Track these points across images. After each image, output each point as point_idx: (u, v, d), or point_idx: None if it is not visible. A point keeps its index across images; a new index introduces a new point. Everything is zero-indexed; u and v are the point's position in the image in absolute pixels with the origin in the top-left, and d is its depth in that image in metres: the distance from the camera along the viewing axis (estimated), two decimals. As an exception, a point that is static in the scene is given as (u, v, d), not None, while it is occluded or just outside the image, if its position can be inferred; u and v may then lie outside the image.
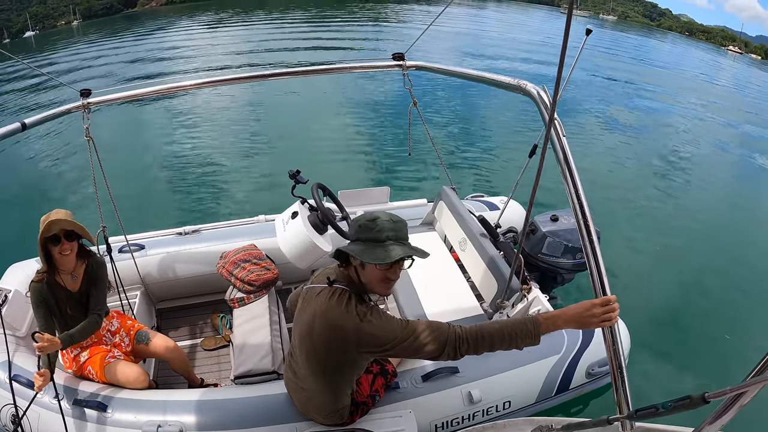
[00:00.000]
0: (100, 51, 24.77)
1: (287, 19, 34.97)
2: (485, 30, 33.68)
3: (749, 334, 4.71)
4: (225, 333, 3.59)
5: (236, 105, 11.51)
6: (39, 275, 2.43)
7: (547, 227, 3.56)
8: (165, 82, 2.97)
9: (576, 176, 1.82)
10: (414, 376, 2.74)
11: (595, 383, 3.21)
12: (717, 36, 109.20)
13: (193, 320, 3.74)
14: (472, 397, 2.72)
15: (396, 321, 1.85)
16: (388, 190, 4.21)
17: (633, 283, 5.29)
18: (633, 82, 18.97)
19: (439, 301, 3.32)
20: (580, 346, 3.09)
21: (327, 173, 7.15)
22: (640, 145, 10.83)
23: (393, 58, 3.33)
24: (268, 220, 3.99)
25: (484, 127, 10.67)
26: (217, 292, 3.73)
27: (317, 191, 3.16)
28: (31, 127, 2.46)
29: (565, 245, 3.49)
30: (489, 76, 2.55)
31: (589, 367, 3.07)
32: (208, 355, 3.51)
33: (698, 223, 7.06)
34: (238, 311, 3.26)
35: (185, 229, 3.74)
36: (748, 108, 18.53)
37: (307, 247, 2.98)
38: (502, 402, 2.85)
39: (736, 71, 40.14)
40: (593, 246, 1.75)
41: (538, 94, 2.04)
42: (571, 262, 3.54)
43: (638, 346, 3.50)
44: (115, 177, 2.99)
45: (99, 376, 2.60)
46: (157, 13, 66.82)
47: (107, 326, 2.78)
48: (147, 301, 3.59)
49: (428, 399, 2.69)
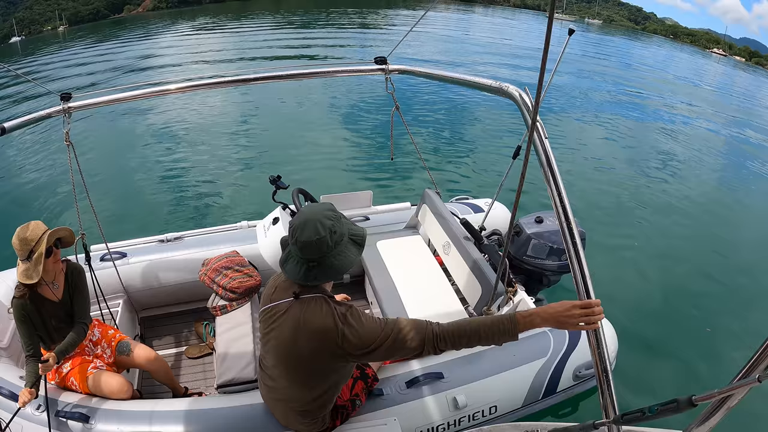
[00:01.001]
0: (85, 56, 24.67)
1: (273, 25, 35.03)
2: (471, 34, 33.98)
3: (735, 335, 4.72)
4: (209, 341, 3.54)
5: (218, 110, 11.44)
6: (20, 290, 2.38)
7: (531, 229, 3.56)
8: (144, 87, 2.91)
9: (558, 178, 1.80)
10: (398, 382, 2.70)
11: (583, 385, 3.21)
12: (701, 39, 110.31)
13: (176, 328, 3.69)
14: (457, 402, 2.70)
15: (376, 320, 1.83)
16: (370, 194, 4.18)
17: (619, 285, 5.29)
18: (618, 84, 19.06)
19: (423, 305, 3.29)
20: (566, 349, 3.08)
21: (309, 178, 7.11)
22: (625, 147, 10.91)
23: (375, 62, 3.30)
24: (251, 226, 3.94)
25: (468, 130, 10.68)
26: (201, 300, 3.67)
27: (298, 196, 3.15)
28: (11, 131, 2.42)
29: (550, 247, 3.49)
30: (471, 79, 2.54)
31: (576, 369, 3.06)
32: (192, 364, 3.46)
33: (683, 225, 7.13)
34: (221, 319, 3.21)
35: (167, 236, 3.69)
36: (732, 110, 18.72)
37: None
38: (488, 407, 2.83)
39: (720, 73, 40.63)
40: (576, 248, 1.73)
41: (520, 96, 2.03)
42: (556, 263, 3.53)
43: (625, 349, 3.49)
44: (95, 183, 2.95)
45: (82, 387, 2.56)
46: (143, 18, 66.89)
47: (89, 336, 2.74)
48: (130, 310, 3.54)
49: (413, 405, 2.66)
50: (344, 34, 28.75)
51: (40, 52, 30.53)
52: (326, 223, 1.74)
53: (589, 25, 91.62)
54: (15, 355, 2.91)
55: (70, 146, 2.71)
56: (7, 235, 2.37)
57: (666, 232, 6.81)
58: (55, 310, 2.50)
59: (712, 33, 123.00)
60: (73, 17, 76.61)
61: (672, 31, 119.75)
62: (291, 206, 3.23)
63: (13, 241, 2.31)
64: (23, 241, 2.30)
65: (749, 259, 6.24)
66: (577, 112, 13.51)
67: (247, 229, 3.92)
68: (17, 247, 2.30)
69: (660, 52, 50.43)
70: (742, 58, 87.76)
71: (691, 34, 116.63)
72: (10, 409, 2.35)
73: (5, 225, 5.63)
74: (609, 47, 39.81)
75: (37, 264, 2.31)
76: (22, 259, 2.31)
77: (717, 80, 33.39)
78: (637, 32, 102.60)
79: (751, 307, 5.18)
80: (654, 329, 4.66)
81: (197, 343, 3.59)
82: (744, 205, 8.57)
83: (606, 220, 6.92)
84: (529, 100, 1.97)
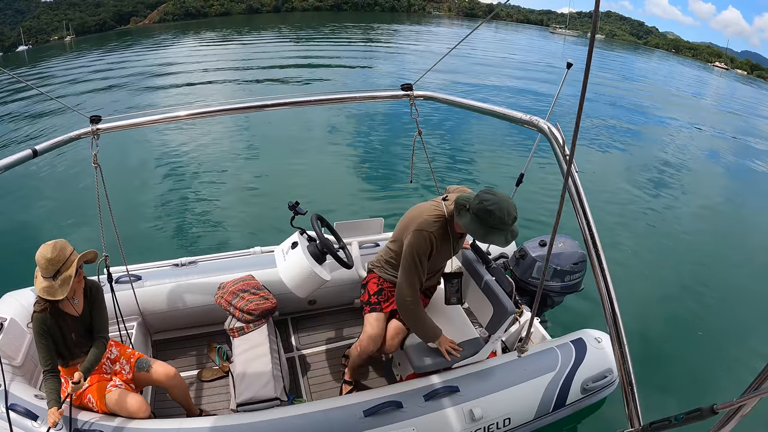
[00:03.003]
0: (93, 67, 25.20)
1: (279, 38, 36.33)
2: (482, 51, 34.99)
3: (744, 342, 4.93)
4: (222, 364, 3.58)
5: (232, 133, 11.45)
6: (41, 305, 2.41)
7: (536, 252, 3.70)
8: (171, 110, 2.99)
9: (588, 211, 1.84)
10: (416, 395, 2.80)
11: (591, 398, 3.31)
12: (703, 52, 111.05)
13: (189, 351, 3.72)
14: (473, 414, 2.79)
15: (416, 263, 2.77)
16: (381, 221, 4.28)
17: (630, 296, 5.40)
18: (620, 98, 19.81)
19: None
20: (573, 363, 3.21)
21: (327, 202, 7.23)
22: (631, 160, 11.35)
23: (402, 89, 3.42)
24: (264, 251, 4.02)
25: (481, 155, 10.80)
26: (214, 324, 3.75)
27: (316, 222, 3.27)
28: (42, 153, 2.46)
29: (555, 269, 3.62)
30: (500, 111, 2.53)
31: (584, 382, 3.18)
32: (205, 387, 3.48)
33: (693, 234, 7.48)
34: (238, 340, 3.27)
35: (182, 260, 3.76)
36: (736, 122, 19.58)
37: (307, 276, 3.07)
38: (503, 419, 2.92)
39: (722, 87, 42.04)
40: (607, 283, 1.79)
41: (550, 130, 2.08)
42: (560, 284, 3.66)
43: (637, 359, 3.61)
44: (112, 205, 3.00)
45: (99, 405, 2.58)
46: (150, 30, 68.53)
47: (107, 354, 2.77)
48: (144, 332, 3.57)
49: (431, 418, 2.75)
50: (350, 47, 29.88)
51: (47, 62, 31.12)
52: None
53: None
54: (28, 374, 2.93)
55: (98, 168, 2.78)
56: (21, 254, 2.40)
57: (671, 244, 7.10)
58: (75, 325, 2.55)
59: (714, 46, 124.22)
60: (80, 27, 78.55)
61: (674, 45, 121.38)
62: (309, 231, 3.34)
63: (39, 259, 2.34)
64: (50, 261, 2.33)
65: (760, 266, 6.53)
66: (582, 126, 13.80)
67: (260, 254, 3.99)
68: (42, 266, 2.34)
69: (662, 66, 51.96)
70: (744, 71, 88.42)
71: (692, 47, 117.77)
72: (25, 428, 2.36)
73: (20, 246, 5.74)
74: (612, 62, 41.07)
75: (64, 284, 2.36)
76: (45, 277, 2.35)
77: (720, 93, 34.78)
78: (639, 47, 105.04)
79: (755, 314, 5.44)
80: (657, 338, 4.84)
81: (210, 367, 3.62)
82: (756, 213, 8.95)
83: (615, 229, 7.18)
84: (560, 135, 2.04)
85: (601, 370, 3.29)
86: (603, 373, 3.29)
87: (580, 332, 3.49)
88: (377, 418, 2.66)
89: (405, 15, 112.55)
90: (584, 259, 3.64)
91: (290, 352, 3.78)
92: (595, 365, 3.27)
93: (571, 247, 3.63)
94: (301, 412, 2.69)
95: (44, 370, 2.42)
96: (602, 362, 3.32)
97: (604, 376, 3.29)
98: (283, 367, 3.25)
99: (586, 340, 3.40)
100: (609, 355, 3.37)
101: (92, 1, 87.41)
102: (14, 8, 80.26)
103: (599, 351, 3.35)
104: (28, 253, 2.50)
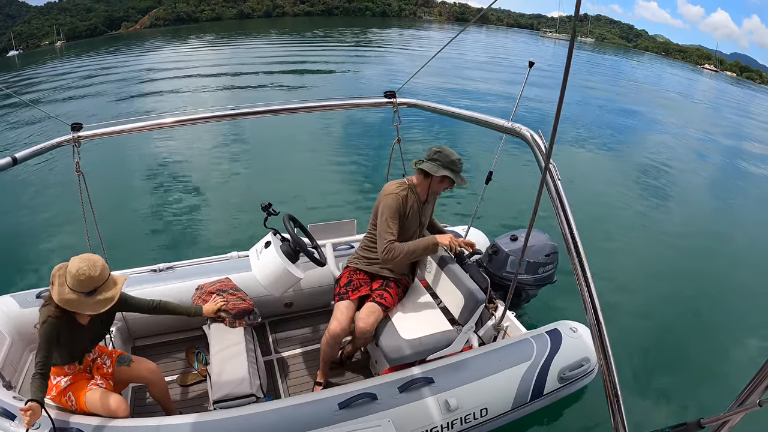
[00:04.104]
0: (83, 73, 25.21)
1: (269, 42, 36.61)
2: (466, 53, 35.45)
3: (735, 350, 4.90)
4: (201, 368, 3.57)
5: (211, 137, 11.36)
6: (58, 311, 2.40)
7: (508, 247, 3.76)
8: (154, 117, 3.01)
9: (570, 217, 1.84)
10: (390, 387, 2.81)
11: (570, 388, 3.33)
12: (693, 55, 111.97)
13: (168, 357, 3.71)
14: (449, 405, 2.80)
15: (389, 216, 3.09)
16: (354, 222, 4.34)
17: (615, 304, 5.39)
18: (610, 101, 20.09)
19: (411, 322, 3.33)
20: (549, 353, 3.24)
21: (305, 206, 7.27)
22: (619, 163, 11.49)
23: (385, 96, 3.51)
24: (241, 256, 4.05)
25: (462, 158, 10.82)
26: (192, 329, 3.77)
27: (289, 222, 3.32)
28: (23, 161, 2.47)
29: (528, 262, 3.68)
30: (482, 117, 2.61)
31: (560, 371, 3.20)
32: (184, 391, 3.47)
33: (680, 240, 7.38)
34: (215, 340, 3.25)
35: (159, 266, 3.77)
36: (725, 124, 19.92)
37: (280, 275, 3.11)
38: (479, 409, 2.93)
39: (712, 88, 42.62)
40: (588, 283, 1.76)
41: (532, 137, 2.11)
42: (534, 277, 3.72)
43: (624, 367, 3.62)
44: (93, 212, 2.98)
45: (79, 404, 2.57)
46: (141, 35, 68.85)
47: (89, 356, 2.77)
48: (123, 339, 3.56)
49: (406, 409, 2.76)
50: (339, 51, 30.34)
51: (37, 68, 31.19)
52: None
53: (582, 44, 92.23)
54: (6, 377, 2.88)
55: (81, 176, 2.77)
56: (6, 260, 2.40)
57: (661, 247, 7.08)
58: (80, 334, 2.56)
59: (703, 49, 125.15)
60: (71, 32, 78.91)
61: (663, 48, 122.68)
62: (282, 233, 3.38)
63: (78, 273, 2.34)
64: (93, 279, 2.37)
65: (749, 279, 6.44)
66: (571, 128, 14.02)
67: (237, 259, 4.02)
68: (81, 281, 2.35)
69: (652, 69, 52.58)
70: (733, 73, 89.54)
71: (682, 50, 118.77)
72: (3, 428, 2.35)
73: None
74: (602, 65, 41.53)
75: (99, 304, 2.40)
76: (79, 291, 2.36)
77: (709, 96, 35.25)
78: (629, 50, 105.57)
79: (743, 326, 5.35)
80: (645, 347, 4.79)
81: (189, 371, 3.61)
82: (745, 219, 8.95)
83: (600, 235, 7.15)
84: (542, 141, 2.06)
85: (578, 359, 3.32)
86: (580, 361, 3.32)
87: (556, 323, 3.54)
88: (352, 411, 2.67)
89: (396, 20, 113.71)
90: (555, 250, 3.70)
91: (268, 355, 3.78)
92: (571, 354, 3.30)
93: (542, 240, 3.71)
94: (277, 407, 2.69)
95: (36, 371, 2.37)
96: (579, 351, 3.35)
97: (581, 364, 3.32)
98: (260, 367, 3.25)
99: (561, 330, 3.44)
100: (586, 344, 3.41)
101: (83, 6, 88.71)
102: (5, 13, 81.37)
103: (575, 340, 3.38)
104: (4, 261, 2.49)
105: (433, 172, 3.09)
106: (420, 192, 3.27)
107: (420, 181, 3.25)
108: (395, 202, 3.12)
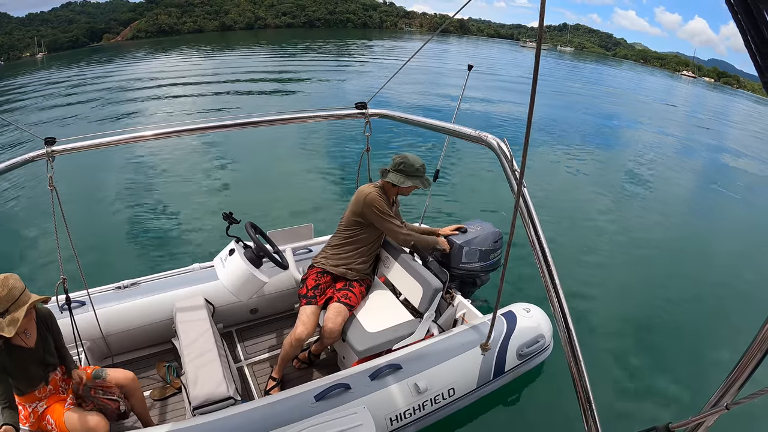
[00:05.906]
0: (64, 84, 24.69)
1: (248, 54, 36.59)
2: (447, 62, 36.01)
3: (706, 354, 4.97)
4: (173, 381, 3.62)
5: (182, 150, 11.16)
6: None
7: (460, 240, 3.98)
8: (129, 131, 2.97)
9: (539, 228, 1.85)
10: (362, 377, 2.98)
11: (529, 363, 3.61)
12: (671, 62, 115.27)
13: (138, 372, 3.69)
14: (418, 387, 3.00)
15: (385, 210, 3.45)
16: (311, 227, 4.49)
17: (591, 306, 5.52)
18: (589, 109, 20.79)
19: (375, 317, 3.53)
20: (506, 332, 3.52)
21: (269, 215, 7.34)
22: (598, 170, 11.72)
23: (356, 107, 3.60)
24: (203, 267, 4.11)
25: (431, 164, 10.81)
26: (161, 343, 3.81)
27: (251, 229, 3.45)
28: None
29: (480, 250, 3.92)
30: (451, 127, 2.66)
31: (518, 348, 3.48)
32: (159, 405, 3.49)
33: (653, 244, 7.51)
34: (186, 350, 3.29)
35: (123, 283, 3.77)
36: (701, 128, 20.82)
37: (246, 280, 3.23)
38: (447, 390, 3.15)
39: (690, 94, 44.31)
40: (562, 304, 1.78)
41: (499, 146, 2.14)
42: (486, 263, 3.97)
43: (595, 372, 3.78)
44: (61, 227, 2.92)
45: (59, 424, 2.57)
46: (122, 47, 67.28)
47: (61, 376, 2.76)
48: (93, 358, 3.55)
49: (379, 395, 2.93)
50: (319, 63, 30.55)
51: (17, 80, 30.31)
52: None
53: (561, 53, 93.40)
54: None
55: (54, 191, 2.70)
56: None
57: (638, 253, 7.13)
58: (31, 356, 2.51)
59: (682, 56, 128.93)
60: (52, 44, 77.11)
61: (642, 55, 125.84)
62: (245, 241, 3.48)
63: None
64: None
65: (723, 282, 6.55)
66: (547, 137, 14.36)
67: (200, 270, 4.07)
68: None
69: (631, 77, 53.94)
70: (711, 78, 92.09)
71: (660, 57, 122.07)
72: None
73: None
74: (581, 74, 42.55)
75: (12, 324, 2.30)
76: None
77: (688, 101, 36.92)
78: (609, 58, 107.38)
79: (718, 328, 5.48)
80: (625, 351, 4.85)
81: (162, 385, 3.64)
82: (720, 225, 9.13)
83: (577, 242, 7.26)
84: (507, 150, 2.08)
85: (533, 336, 3.60)
86: (535, 338, 3.61)
87: (510, 306, 3.81)
88: (328, 401, 2.81)
89: (377, 31, 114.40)
90: (501, 236, 3.96)
91: (238, 362, 3.85)
92: (526, 332, 3.58)
93: (487, 228, 3.97)
94: (255, 407, 2.79)
95: (1, 407, 2.35)
96: (533, 329, 3.64)
97: (536, 341, 3.60)
98: (233, 372, 3.34)
99: (515, 311, 3.72)
100: (539, 322, 3.70)
101: (65, 18, 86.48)
102: (-15, 24, 77.39)
103: (529, 319, 3.66)
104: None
105: (401, 183, 3.41)
106: (389, 194, 3.61)
107: (389, 188, 3.56)
108: (379, 196, 3.43)
